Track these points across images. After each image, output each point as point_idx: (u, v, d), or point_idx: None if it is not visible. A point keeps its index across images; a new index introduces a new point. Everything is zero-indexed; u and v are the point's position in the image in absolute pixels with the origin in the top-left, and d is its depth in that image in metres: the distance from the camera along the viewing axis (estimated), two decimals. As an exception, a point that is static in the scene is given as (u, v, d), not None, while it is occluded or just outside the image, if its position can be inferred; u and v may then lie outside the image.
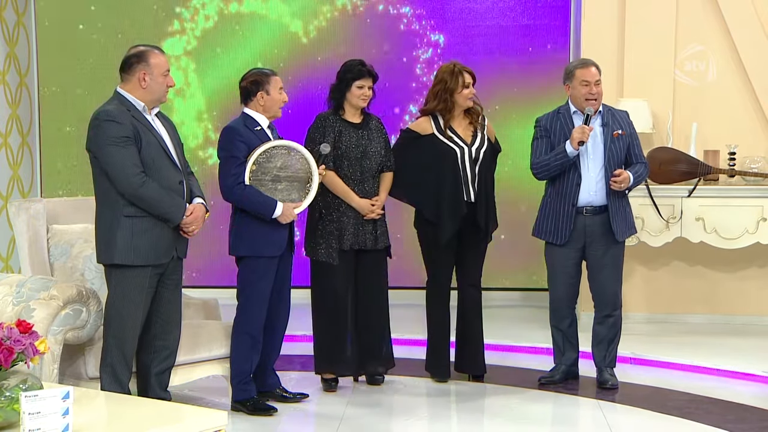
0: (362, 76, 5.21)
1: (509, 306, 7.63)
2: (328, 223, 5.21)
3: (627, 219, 5.37)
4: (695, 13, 6.91)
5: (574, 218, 5.30)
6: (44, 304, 4.16)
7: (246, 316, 4.85)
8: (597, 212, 5.30)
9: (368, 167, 5.26)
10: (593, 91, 5.26)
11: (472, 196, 5.34)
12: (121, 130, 4.24)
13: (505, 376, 5.69)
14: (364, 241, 5.25)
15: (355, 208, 5.21)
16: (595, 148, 5.30)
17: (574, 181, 5.29)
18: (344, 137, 5.21)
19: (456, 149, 5.33)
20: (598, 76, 5.29)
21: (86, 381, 4.44)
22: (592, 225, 5.31)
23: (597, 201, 5.29)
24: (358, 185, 5.23)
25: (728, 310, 7.00)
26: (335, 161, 5.18)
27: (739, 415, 4.96)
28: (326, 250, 5.19)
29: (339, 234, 5.20)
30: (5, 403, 2.96)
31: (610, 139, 5.28)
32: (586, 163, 5.29)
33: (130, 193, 4.25)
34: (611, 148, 5.28)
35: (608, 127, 5.31)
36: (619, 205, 5.32)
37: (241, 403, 4.89)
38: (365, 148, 5.25)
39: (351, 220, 5.21)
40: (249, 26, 7.97)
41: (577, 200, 5.28)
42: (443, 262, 5.42)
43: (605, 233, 5.30)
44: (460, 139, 5.36)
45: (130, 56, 4.38)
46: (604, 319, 5.41)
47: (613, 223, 5.29)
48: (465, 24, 7.85)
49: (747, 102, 6.91)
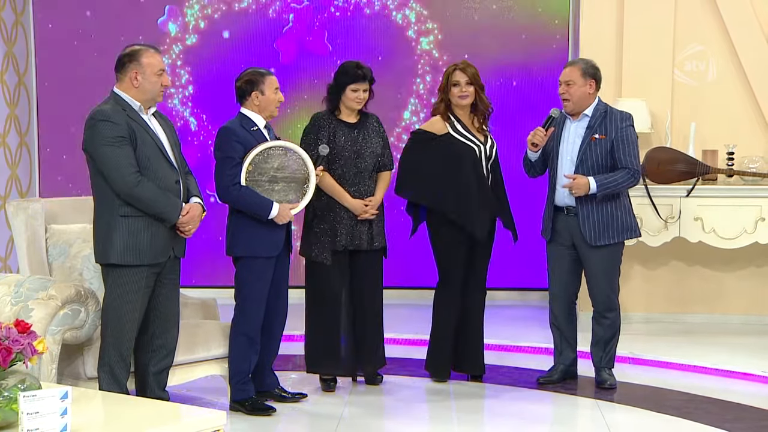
0: (357, 80, 5.19)
1: (508, 306, 7.64)
2: (323, 223, 5.20)
3: (612, 224, 5.21)
4: (694, 13, 6.92)
5: (554, 217, 5.31)
6: (42, 304, 4.16)
7: (244, 317, 4.85)
8: (576, 213, 5.27)
9: (364, 167, 5.25)
10: (562, 90, 5.25)
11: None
12: (116, 130, 4.24)
13: (503, 376, 5.69)
14: (359, 241, 5.25)
15: (349, 209, 5.21)
16: (572, 151, 5.27)
17: (553, 181, 5.32)
18: (338, 137, 5.20)
19: (474, 147, 5.34)
20: (570, 76, 5.22)
21: (85, 381, 4.44)
22: (573, 226, 5.28)
23: (571, 202, 5.26)
24: (353, 185, 5.23)
25: (726, 309, 7.00)
26: (328, 161, 5.18)
27: (738, 415, 4.96)
28: (319, 250, 5.18)
29: (333, 234, 5.19)
30: (3, 403, 2.96)
31: (588, 143, 5.23)
32: (561, 165, 5.28)
33: (126, 193, 4.25)
34: (586, 152, 5.21)
35: (593, 130, 5.26)
36: (592, 210, 5.19)
37: (240, 403, 4.89)
38: (360, 147, 5.23)
39: (345, 221, 5.20)
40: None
41: (554, 201, 5.31)
42: (456, 263, 5.40)
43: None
44: (476, 138, 5.36)
45: (122, 56, 4.38)
46: (601, 319, 5.40)
47: (583, 228, 5.22)
48: (461, 22, 7.84)
49: (745, 102, 6.92)
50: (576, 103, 5.25)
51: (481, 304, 5.53)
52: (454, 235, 5.34)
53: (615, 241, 5.26)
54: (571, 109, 5.27)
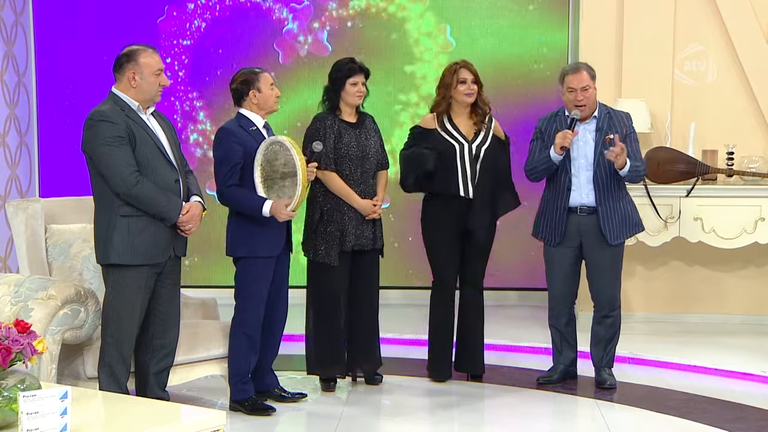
0: (354, 73, 5.21)
1: (507, 306, 7.64)
2: (330, 224, 5.20)
3: (626, 221, 5.32)
4: (693, 13, 6.92)
5: (567, 219, 5.30)
6: (42, 303, 4.16)
7: (244, 317, 4.85)
8: (591, 212, 5.29)
9: (368, 167, 5.26)
10: (579, 97, 5.23)
11: (470, 192, 5.34)
12: (114, 130, 4.24)
13: (503, 376, 5.69)
14: (364, 241, 5.26)
15: (357, 209, 5.21)
16: (586, 153, 5.28)
17: (565, 185, 5.28)
18: (344, 138, 5.21)
19: (455, 145, 5.34)
20: (585, 81, 5.23)
21: (84, 381, 4.44)
22: (586, 225, 5.30)
23: (589, 203, 5.28)
24: (359, 185, 5.23)
25: (726, 309, 7.00)
26: (336, 162, 5.18)
27: (737, 415, 4.96)
28: (326, 251, 5.18)
29: (341, 235, 5.19)
30: (3, 403, 2.96)
31: (602, 143, 5.26)
32: (577, 167, 5.28)
33: (125, 193, 4.25)
34: (602, 153, 5.24)
35: (602, 131, 5.28)
36: (613, 208, 5.28)
37: (240, 403, 4.89)
38: (364, 147, 5.25)
39: (353, 222, 5.21)
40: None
41: (567, 204, 5.29)
42: (449, 262, 5.41)
43: (600, 234, 5.29)
44: (462, 136, 5.36)
45: (121, 56, 4.38)
46: (603, 319, 5.41)
47: (603, 227, 5.27)
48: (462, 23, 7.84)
49: (745, 102, 6.92)
50: (590, 106, 5.28)
51: (478, 304, 5.52)
52: (446, 234, 5.34)
53: (629, 236, 5.36)
54: (586, 113, 5.28)
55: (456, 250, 5.39)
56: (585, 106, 5.24)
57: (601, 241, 5.29)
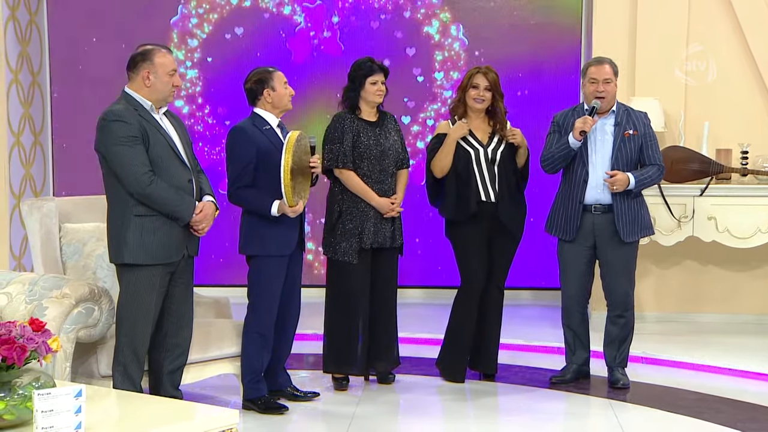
0: (374, 72, 5.23)
1: (520, 305, 7.63)
2: (348, 222, 5.21)
3: (638, 220, 5.31)
4: (707, 11, 6.89)
5: (582, 216, 5.30)
6: (57, 302, 4.18)
7: (256, 315, 4.86)
8: (605, 211, 5.28)
9: (387, 165, 5.27)
10: (600, 88, 5.25)
11: (491, 195, 5.33)
12: (128, 129, 4.26)
13: (516, 376, 5.69)
14: (383, 239, 5.26)
15: (375, 207, 5.22)
16: (604, 146, 5.29)
17: (582, 178, 5.29)
18: (363, 136, 5.22)
19: (471, 150, 5.34)
20: (609, 74, 5.27)
21: (98, 379, 4.46)
22: (600, 224, 5.30)
23: (604, 199, 5.28)
24: (377, 184, 5.24)
25: (740, 309, 6.98)
26: (354, 161, 5.20)
27: (750, 415, 4.95)
28: (346, 249, 5.19)
29: (360, 233, 5.20)
30: (18, 401, 2.98)
31: (621, 138, 5.27)
32: (594, 160, 5.28)
33: (139, 193, 4.26)
34: (621, 148, 5.26)
35: (620, 126, 5.30)
36: (627, 206, 5.27)
37: (253, 402, 4.90)
38: (383, 146, 5.26)
39: (371, 219, 5.22)
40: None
41: (583, 197, 5.28)
42: (475, 264, 5.39)
43: (614, 233, 5.28)
44: (476, 141, 5.36)
45: (135, 55, 4.39)
46: (616, 319, 5.40)
47: (618, 224, 5.27)
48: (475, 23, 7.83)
49: (759, 101, 6.89)
50: (610, 101, 5.30)
51: (498, 305, 5.52)
52: (473, 236, 5.34)
53: (641, 236, 5.37)
54: (605, 106, 5.29)
55: (485, 255, 5.39)
56: (605, 98, 5.25)
57: (615, 240, 5.29)
